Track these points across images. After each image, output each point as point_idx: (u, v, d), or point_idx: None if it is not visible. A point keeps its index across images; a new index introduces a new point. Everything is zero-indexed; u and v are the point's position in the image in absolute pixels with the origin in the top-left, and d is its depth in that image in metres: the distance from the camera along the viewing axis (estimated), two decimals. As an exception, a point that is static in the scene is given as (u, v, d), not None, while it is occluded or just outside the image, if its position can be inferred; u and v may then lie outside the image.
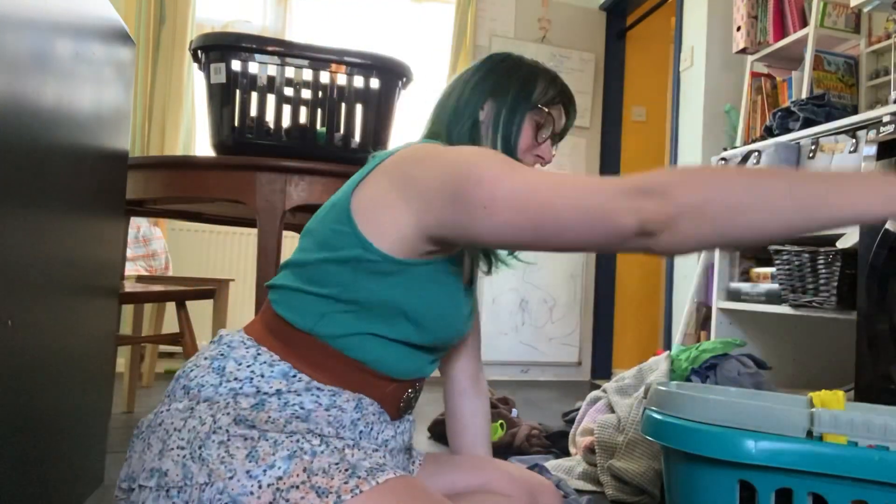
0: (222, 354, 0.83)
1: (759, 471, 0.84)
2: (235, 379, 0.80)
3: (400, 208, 0.79)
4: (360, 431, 0.83)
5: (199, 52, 1.68)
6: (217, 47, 1.64)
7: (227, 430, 0.76)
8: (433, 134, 0.99)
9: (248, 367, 0.81)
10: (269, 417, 0.78)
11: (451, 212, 0.75)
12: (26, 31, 0.88)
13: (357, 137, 1.70)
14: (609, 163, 4.32)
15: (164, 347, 3.22)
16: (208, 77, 1.67)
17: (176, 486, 0.73)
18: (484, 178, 0.73)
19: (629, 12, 4.37)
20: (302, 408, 0.80)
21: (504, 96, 0.97)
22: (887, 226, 1.63)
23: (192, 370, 0.83)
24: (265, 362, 0.82)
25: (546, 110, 0.99)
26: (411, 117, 3.70)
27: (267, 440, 0.75)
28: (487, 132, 0.97)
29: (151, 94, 3.41)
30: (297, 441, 0.75)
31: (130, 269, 3.05)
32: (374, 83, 1.71)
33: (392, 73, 1.73)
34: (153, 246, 3.16)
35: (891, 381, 1.60)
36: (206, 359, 0.83)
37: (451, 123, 0.97)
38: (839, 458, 0.82)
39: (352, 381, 0.84)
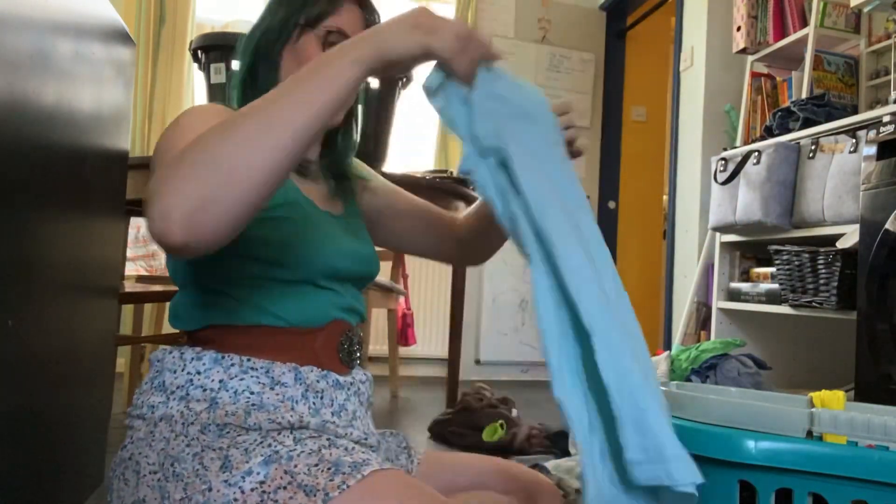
0: (157, 371, 0.83)
1: (759, 471, 0.84)
2: (178, 387, 0.80)
3: None
4: (314, 403, 0.83)
5: (199, 52, 1.69)
6: (217, 47, 1.64)
7: (199, 440, 0.76)
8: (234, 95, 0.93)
9: (183, 370, 0.81)
10: (227, 412, 0.78)
11: None
12: (26, 31, 0.88)
13: (356, 138, 1.70)
14: (609, 163, 4.32)
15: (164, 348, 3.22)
16: (208, 77, 1.67)
17: None
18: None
19: (629, 12, 4.37)
20: (252, 392, 0.79)
21: (282, 27, 0.89)
22: (887, 226, 1.63)
23: (138, 398, 0.83)
24: (193, 358, 0.81)
25: (324, 26, 0.89)
26: (411, 117, 3.70)
27: (237, 448, 0.74)
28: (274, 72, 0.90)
29: (151, 94, 3.41)
30: (270, 445, 0.75)
31: (130, 269, 3.05)
32: (374, 83, 1.71)
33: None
34: (153, 246, 3.16)
35: (891, 381, 1.61)
36: (145, 383, 0.84)
37: (241, 75, 0.91)
38: (839, 458, 0.81)
39: (278, 349, 0.83)
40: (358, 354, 0.93)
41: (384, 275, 3.20)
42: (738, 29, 2.82)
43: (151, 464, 0.76)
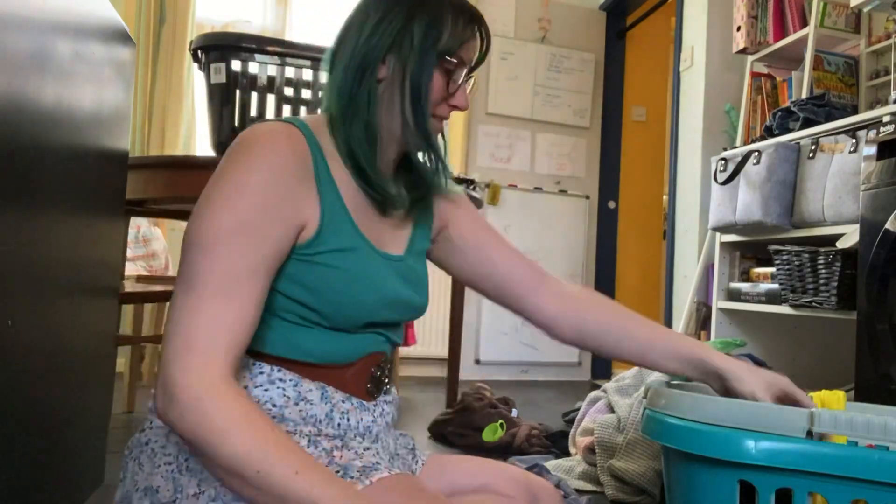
0: None
1: (759, 471, 0.84)
2: None
3: None
4: (339, 424, 0.82)
5: (199, 52, 1.68)
6: (217, 47, 1.64)
7: None
8: (326, 105, 0.86)
9: None
10: None
11: None
12: (26, 31, 0.88)
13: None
14: (609, 163, 4.32)
15: (164, 347, 3.22)
16: (208, 77, 1.67)
17: (169, 501, 0.73)
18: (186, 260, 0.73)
19: (629, 12, 4.37)
20: (274, 405, 0.79)
21: (408, 46, 0.81)
22: (887, 226, 1.63)
23: None
24: None
25: (456, 59, 0.83)
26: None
27: None
28: (391, 96, 0.83)
29: (151, 94, 3.41)
30: None
31: (130, 269, 3.04)
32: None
33: (392, 73, 1.73)
34: (153, 246, 3.16)
35: (891, 381, 1.60)
36: None
37: (342, 91, 0.83)
38: (839, 458, 0.81)
39: (305, 373, 0.82)
40: (386, 381, 0.92)
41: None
42: (738, 29, 2.82)
43: (168, 454, 0.76)
